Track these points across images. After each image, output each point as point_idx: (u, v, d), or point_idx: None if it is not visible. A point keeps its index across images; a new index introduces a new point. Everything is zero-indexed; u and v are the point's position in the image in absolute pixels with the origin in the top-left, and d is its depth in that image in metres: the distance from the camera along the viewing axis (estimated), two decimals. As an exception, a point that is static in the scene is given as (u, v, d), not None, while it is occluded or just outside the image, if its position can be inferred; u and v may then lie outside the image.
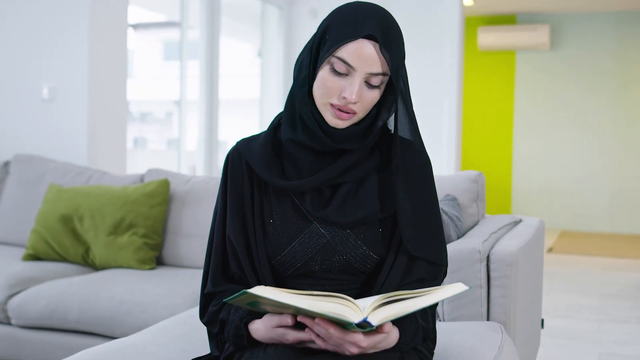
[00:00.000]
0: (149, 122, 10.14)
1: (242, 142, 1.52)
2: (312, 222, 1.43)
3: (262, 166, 1.44)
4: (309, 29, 6.42)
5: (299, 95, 1.40)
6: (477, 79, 8.98)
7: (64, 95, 3.95)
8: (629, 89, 8.60)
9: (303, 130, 1.40)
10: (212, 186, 3.21)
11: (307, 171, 1.41)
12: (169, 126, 10.38)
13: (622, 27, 8.59)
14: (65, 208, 3.18)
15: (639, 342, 3.67)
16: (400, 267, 1.42)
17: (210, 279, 1.49)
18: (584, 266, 6.19)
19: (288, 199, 1.45)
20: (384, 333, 1.26)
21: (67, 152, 3.93)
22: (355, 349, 1.24)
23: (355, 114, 1.37)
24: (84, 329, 2.63)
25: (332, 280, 1.44)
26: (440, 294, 1.25)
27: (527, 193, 8.99)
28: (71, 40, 3.91)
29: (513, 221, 2.61)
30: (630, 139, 8.62)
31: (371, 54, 1.33)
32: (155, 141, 10.37)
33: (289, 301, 1.16)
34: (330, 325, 1.22)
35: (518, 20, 8.90)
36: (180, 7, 5.45)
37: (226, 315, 1.43)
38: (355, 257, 1.42)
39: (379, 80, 1.35)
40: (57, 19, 3.94)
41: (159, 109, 10.36)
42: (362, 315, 1.17)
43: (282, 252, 1.43)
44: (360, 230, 1.43)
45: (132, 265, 3.05)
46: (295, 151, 1.42)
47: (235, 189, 1.48)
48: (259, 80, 6.62)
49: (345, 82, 1.35)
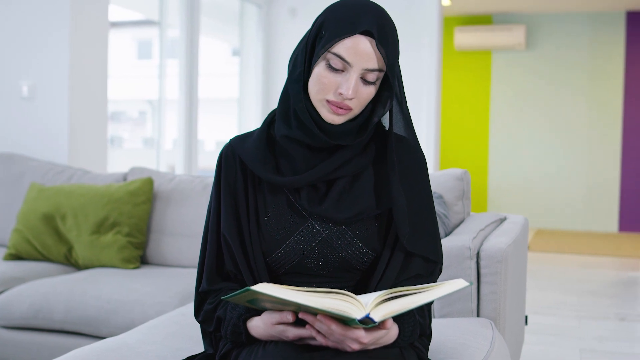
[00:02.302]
0: (122, 121, 10.06)
1: (236, 139, 1.51)
2: (308, 219, 1.43)
3: (256, 163, 1.44)
4: (288, 28, 6.41)
5: (294, 91, 1.39)
6: (453, 79, 9.03)
7: (44, 93, 3.91)
8: (602, 87, 8.71)
9: (298, 126, 1.39)
10: (197, 185, 3.19)
11: (302, 167, 1.41)
12: (142, 125, 10.31)
13: (595, 27, 8.70)
14: (47, 207, 3.15)
15: (618, 338, 3.72)
16: (397, 264, 1.42)
17: (205, 278, 1.48)
18: (560, 264, 6.25)
19: (283, 195, 1.45)
20: (385, 329, 1.27)
21: (47, 150, 3.89)
22: (356, 345, 1.24)
23: (352, 110, 1.37)
24: (70, 328, 2.60)
25: (328, 278, 1.44)
26: (441, 290, 1.25)
27: (503, 191, 9.07)
28: (52, 37, 3.87)
29: (498, 219, 2.63)
30: (604, 136, 8.73)
31: (367, 49, 1.33)
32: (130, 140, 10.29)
33: (291, 298, 1.16)
34: (332, 321, 1.22)
35: (494, 21, 8.97)
36: (160, 5, 5.41)
37: (223, 313, 1.43)
38: (351, 254, 1.42)
39: (375, 76, 1.35)
40: (38, 17, 3.90)
41: (132, 108, 10.29)
42: (365, 312, 1.17)
43: (278, 250, 1.42)
44: (356, 226, 1.42)
45: (116, 264, 3.02)
46: (290, 147, 1.41)
47: (229, 186, 1.47)
48: (237, 79, 6.59)
49: (341, 78, 1.34)
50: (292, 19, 6.38)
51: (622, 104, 8.66)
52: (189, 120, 5.41)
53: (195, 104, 5.43)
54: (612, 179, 8.72)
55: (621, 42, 8.63)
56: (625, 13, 8.60)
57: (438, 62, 6.00)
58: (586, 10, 8.65)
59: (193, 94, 5.42)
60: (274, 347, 1.33)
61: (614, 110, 8.71)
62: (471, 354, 1.71)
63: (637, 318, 4.18)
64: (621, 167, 8.68)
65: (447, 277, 2.07)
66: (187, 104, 5.38)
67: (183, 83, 5.37)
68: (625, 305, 4.58)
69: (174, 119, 5.46)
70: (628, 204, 8.64)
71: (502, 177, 9.08)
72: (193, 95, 5.42)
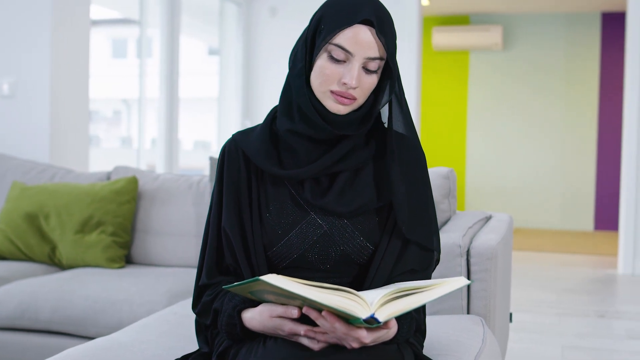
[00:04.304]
0: (95, 120, 9.98)
1: (238, 134, 1.52)
2: (310, 213, 1.44)
3: (260, 156, 1.45)
4: (268, 27, 6.41)
5: (296, 86, 1.41)
6: (431, 79, 9.08)
7: (25, 91, 3.87)
8: (578, 88, 8.81)
9: (301, 119, 1.41)
10: (181, 183, 3.18)
11: (305, 160, 1.43)
12: (117, 125, 10.23)
13: (572, 28, 8.79)
14: (30, 206, 3.12)
15: (599, 335, 3.77)
16: (393, 255, 1.44)
17: (205, 271, 1.49)
18: (538, 262, 6.32)
19: (285, 189, 1.46)
20: (387, 328, 1.28)
21: (28, 149, 3.86)
22: (357, 344, 1.25)
23: (356, 99, 1.39)
24: (57, 329, 2.58)
25: (327, 272, 1.44)
26: (443, 289, 1.27)
27: (480, 191, 9.13)
28: (33, 35, 3.84)
29: (484, 217, 2.65)
30: (580, 136, 8.83)
31: (368, 38, 1.36)
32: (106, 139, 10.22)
33: (300, 292, 1.17)
34: (336, 319, 1.23)
35: (471, 21, 9.03)
36: (140, 5, 5.38)
37: (219, 305, 1.43)
38: (352, 248, 1.43)
39: (377, 64, 1.38)
40: (20, 15, 3.86)
41: (107, 107, 10.22)
42: (370, 311, 1.18)
43: (279, 243, 1.43)
44: (357, 220, 1.44)
45: (101, 264, 3.00)
46: (294, 141, 1.43)
47: (231, 180, 1.48)
48: (215, 78, 6.58)
49: (344, 68, 1.37)
50: (272, 18, 6.38)
51: (598, 104, 8.76)
52: (170, 120, 5.39)
53: (176, 103, 5.41)
54: (588, 178, 8.83)
55: (596, 43, 8.73)
56: (600, 14, 8.70)
57: (418, 62, 6.04)
58: (562, 11, 8.75)
59: (174, 93, 5.39)
60: (273, 345, 1.33)
61: (589, 111, 8.81)
62: (464, 351, 1.72)
63: (616, 315, 4.24)
64: (596, 167, 8.79)
65: (437, 274, 2.09)
66: (167, 103, 5.36)
67: (163, 82, 5.35)
68: (604, 303, 4.64)
69: (152, 118, 5.44)
70: (603, 203, 8.74)
71: (480, 176, 9.15)
72: (174, 95, 5.40)
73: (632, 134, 5.59)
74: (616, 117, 8.52)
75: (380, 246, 1.44)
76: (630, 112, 5.60)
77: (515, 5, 8.45)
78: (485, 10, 8.77)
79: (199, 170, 7.09)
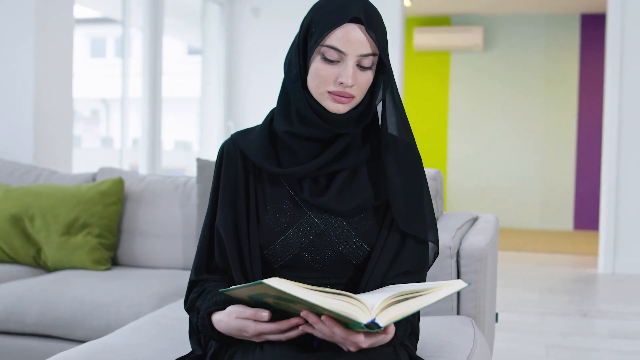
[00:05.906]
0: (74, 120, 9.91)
1: (237, 134, 1.53)
2: (307, 212, 1.45)
3: (258, 155, 1.46)
4: (250, 27, 6.40)
5: (294, 90, 1.43)
6: (412, 79, 9.11)
7: (8, 91, 3.83)
8: (558, 88, 8.89)
9: (300, 122, 1.43)
10: (168, 185, 3.17)
11: (303, 160, 1.44)
12: (95, 125, 10.16)
13: (551, 29, 8.87)
14: (15, 208, 3.09)
15: (582, 334, 3.81)
16: (389, 255, 1.44)
17: (195, 268, 1.51)
18: (519, 261, 6.36)
19: (283, 188, 1.47)
20: (386, 333, 1.28)
21: (11, 150, 3.82)
22: (354, 349, 1.26)
23: (354, 97, 1.41)
24: (44, 331, 2.56)
25: (323, 272, 1.45)
26: (442, 292, 1.28)
27: (461, 191, 9.18)
28: (16, 35, 3.80)
29: (472, 218, 2.67)
30: (560, 136, 8.91)
31: (359, 36, 1.38)
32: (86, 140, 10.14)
33: (304, 296, 1.17)
34: (335, 324, 1.23)
35: (452, 22, 9.08)
36: (122, 4, 5.35)
37: (200, 304, 1.43)
38: (348, 248, 1.44)
39: (370, 61, 1.40)
40: (2, 14, 3.82)
41: (85, 107, 10.15)
42: (371, 316, 1.19)
43: (276, 242, 1.43)
44: (354, 220, 1.45)
45: (87, 266, 2.98)
46: (292, 142, 1.44)
47: (228, 179, 1.49)
48: (196, 78, 6.56)
49: (338, 68, 1.39)
50: (255, 18, 6.37)
51: (577, 104, 8.85)
52: (153, 120, 5.36)
53: (159, 103, 5.39)
54: (568, 178, 8.90)
55: (576, 44, 8.81)
56: (580, 16, 8.78)
57: (400, 62, 6.06)
58: (542, 13, 8.82)
59: (157, 93, 5.37)
60: (270, 348, 1.33)
61: (569, 111, 8.89)
62: (456, 352, 1.73)
63: (598, 314, 4.28)
64: (576, 167, 8.87)
65: (427, 277, 2.10)
66: (150, 103, 5.34)
67: (146, 82, 5.32)
68: (585, 302, 4.68)
69: (133, 118, 5.41)
70: (583, 203, 8.83)
71: (460, 177, 9.20)
72: (157, 95, 5.37)
73: (612, 134, 5.65)
74: (595, 117, 8.60)
75: (376, 246, 1.45)
76: (610, 112, 5.66)
77: (496, 6, 8.51)
78: (466, 12, 8.83)
79: (181, 171, 7.06)
